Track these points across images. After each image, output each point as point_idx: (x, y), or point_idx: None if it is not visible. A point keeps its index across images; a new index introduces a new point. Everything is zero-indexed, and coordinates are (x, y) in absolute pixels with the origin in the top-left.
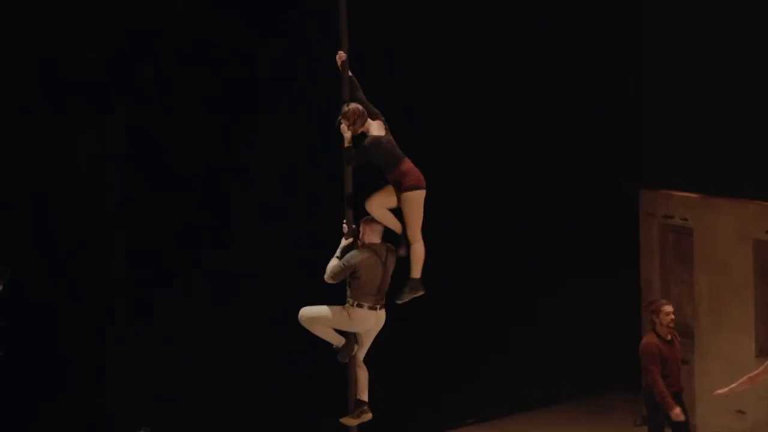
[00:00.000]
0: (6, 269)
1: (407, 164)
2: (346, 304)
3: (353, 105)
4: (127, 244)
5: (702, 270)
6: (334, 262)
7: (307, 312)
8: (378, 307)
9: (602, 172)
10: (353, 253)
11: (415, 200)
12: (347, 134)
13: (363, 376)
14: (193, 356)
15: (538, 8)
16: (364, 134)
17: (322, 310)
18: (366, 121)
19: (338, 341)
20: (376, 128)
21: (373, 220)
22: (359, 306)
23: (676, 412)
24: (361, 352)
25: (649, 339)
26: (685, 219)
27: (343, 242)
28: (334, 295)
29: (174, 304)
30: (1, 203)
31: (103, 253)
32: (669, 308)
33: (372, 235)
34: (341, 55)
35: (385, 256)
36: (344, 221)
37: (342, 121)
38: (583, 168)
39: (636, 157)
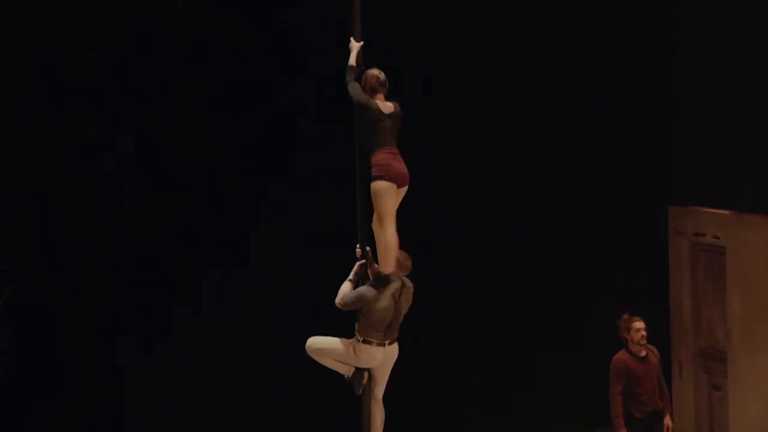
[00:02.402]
0: (4, 289)
1: (381, 156)
2: (354, 339)
3: (380, 72)
4: (127, 244)
5: (735, 291)
6: (346, 287)
7: (314, 343)
8: (387, 343)
9: (628, 187)
10: (367, 288)
11: (376, 191)
12: (354, 54)
13: (378, 415)
14: (194, 356)
15: (566, 24)
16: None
17: (329, 342)
18: (379, 92)
19: (348, 371)
20: (382, 104)
21: (405, 257)
22: (366, 342)
23: None
24: (378, 389)
25: (618, 356)
26: (717, 237)
27: (356, 265)
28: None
29: (173, 304)
30: (1, 203)
31: (103, 253)
32: (639, 324)
33: (399, 272)
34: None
35: (399, 293)
36: (357, 245)
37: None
38: (608, 184)
39: (664, 171)
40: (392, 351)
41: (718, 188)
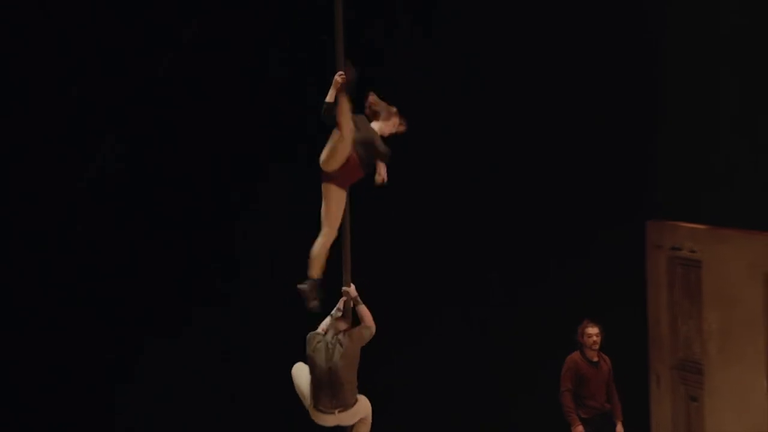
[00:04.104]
0: None
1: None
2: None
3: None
4: (127, 244)
5: (711, 305)
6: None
7: (293, 370)
8: (337, 411)
9: (606, 202)
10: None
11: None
12: (336, 87)
13: None
14: (193, 356)
15: (553, 35)
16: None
17: (301, 378)
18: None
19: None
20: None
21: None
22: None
23: (578, 430)
24: None
25: (570, 356)
26: (694, 251)
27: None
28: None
29: (173, 304)
30: (1, 203)
31: (103, 253)
32: (592, 330)
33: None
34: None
35: (333, 346)
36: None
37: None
38: (585, 198)
39: (642, 186)
40: (345, 419)
41: (696, 202)
